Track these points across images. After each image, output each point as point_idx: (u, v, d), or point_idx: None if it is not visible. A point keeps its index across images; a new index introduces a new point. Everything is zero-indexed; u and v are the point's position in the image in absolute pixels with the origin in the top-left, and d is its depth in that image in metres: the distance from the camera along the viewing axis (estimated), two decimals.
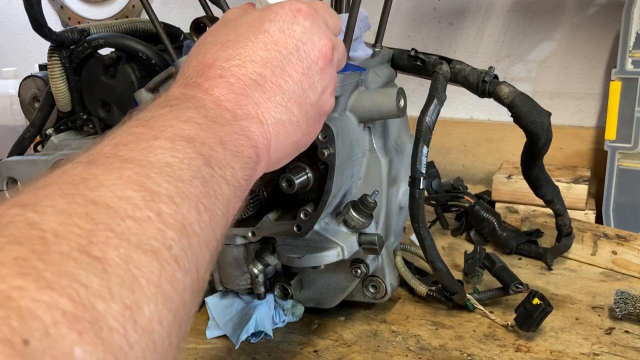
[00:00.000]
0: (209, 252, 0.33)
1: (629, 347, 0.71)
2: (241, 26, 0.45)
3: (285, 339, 0.75)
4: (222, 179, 0.36)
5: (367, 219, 0.69)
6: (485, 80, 0.77)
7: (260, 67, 0.43)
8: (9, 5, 1.88)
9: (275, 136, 0.43)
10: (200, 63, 0.43)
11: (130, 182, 0.30)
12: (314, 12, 0.47)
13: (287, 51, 0.44)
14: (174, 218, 0.30)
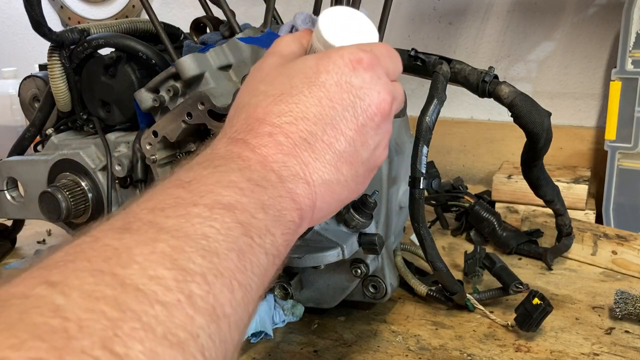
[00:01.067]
0: (238, 333, 0.32)
1: (629, 347, 0.71)
2: (296, 75, 0.42)
3: (285, 339, 0.75)
4: (261, 248, 0.35)
5: (367, 219, 0.69)
6: (485, 80, 0.77)
7: (312, 125, 0.40)
8: (9, 5, 1.88)
9: (321, 197, 0.41)
10: (250, 116, 0.41)
11: (163, 258, 0.29)
12: (375, 62, 0.43)
13: (343, 107, 0.41)
14: (205, 300, 0.29)
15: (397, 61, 0.47)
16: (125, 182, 0.81)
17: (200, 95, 0.68)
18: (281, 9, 0.93)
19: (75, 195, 0.81)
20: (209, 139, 0.43)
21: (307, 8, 0.86)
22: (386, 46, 0.47)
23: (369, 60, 0.43)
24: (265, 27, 0.77)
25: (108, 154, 0.80)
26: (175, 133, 0.71)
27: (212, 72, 0.71)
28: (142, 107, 0.74)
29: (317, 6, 0.86)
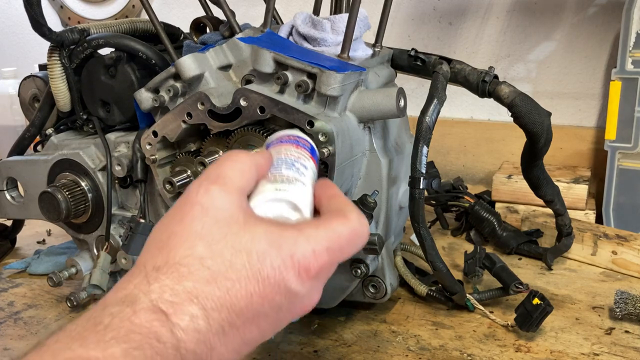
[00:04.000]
0: None
1: (629, 347, 0.71)
2: (239, 254, 0.39)
3: (285, 339, 0.75)
4: None
5: (367, 219, 0.69)
6: (485, 80, 0.77)
7: (235, 316, 0.39)
8: (9, 5, 1.88)
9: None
10: (179, 283, 0.38)
11: None
12: (325, 268, 0.41)
13: (270, 306, 0.40)
14: None
15: (358, 245, 0.43)
16: (125, 182, 0.81)
17: (200, 95, 0.68)
18: (281, 9, 0.93)
19: (75, 195, 0.81)
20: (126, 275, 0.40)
21: (307, 8, 0.86)
22: (352, 234, 0.42)
23: (317, 269, 0.40)
24: (265, 27, 0.77)
25: (108, 154, 0.80)
26: (175, 133, 0.71)
27: (212, 72, 0.71)
28: (142, 107, 0.74)
29: (317, 6, 0.86)
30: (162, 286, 0.38)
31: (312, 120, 0.65)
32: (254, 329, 0.41)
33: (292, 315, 0.42)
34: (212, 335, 0.38)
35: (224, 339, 0.39)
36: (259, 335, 0.42)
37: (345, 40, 0.71)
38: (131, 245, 0.75)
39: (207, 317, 0.38)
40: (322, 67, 0.66)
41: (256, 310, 0.40)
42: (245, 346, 0.42)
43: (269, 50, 0.68)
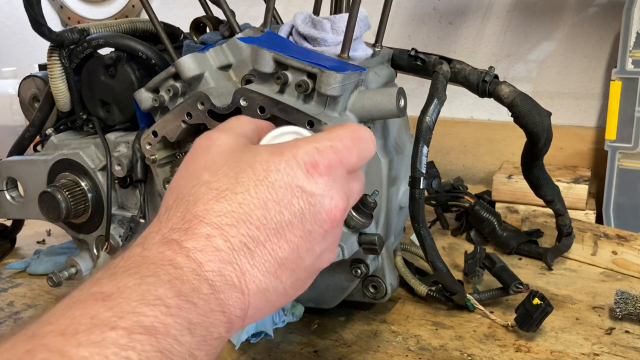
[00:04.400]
0: None
1: (629, 347, 0.71)
2: (244, 170, 0.38)
3: (285, 339, 0.74)
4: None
5: (367, 219, 0.69)
6: (486, 80, 0.77)
7: (255, 229, 0.37)
8: (9, 4, 1.88)
9: (254, 306, 0.38)
10: (189, 212, 0.37)
11: None
12: (333, 163, 0.39)
13: (290, 213, 0.38)
14: None
15: (365, 149, 0.43)
16: (125, 182, 0.81)
17: (200, 95, 0.68)
18: (281, 9, 0.93)
19: (75, 195, 0.81)
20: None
21: (307, 8, 0.86)
22: (354, 133, 0.42)
23: (326, 164, 0.39)
24: (265, 27, 0.77)
25: (108, 154, 0.80)
26: (175, 133, 0.71)
27: (212, 72, 0.71)
28: (142, 107, 0.74)
29: (317, 6, 0.86)
30: (172, 220, 0.37)
31: (312, 120, 0.65)
32: (283, 243, 0.38)
33: (321, 226, 0.39)
34: (235, 254, 0.36)
35: (252, 258, 0.37)
36: (293, 252, 0.38)
37: (345, 40, 0.71)
38: None
39: (224, 234, 0.36)
40: (322, 67, 0.66)
41: (276, 219, 0.38)
42: (282, 269, 0.38)
43: (269, 50, 0.68)
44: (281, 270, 0.38)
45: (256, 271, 0.37)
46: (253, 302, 0.37)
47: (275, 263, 0.38)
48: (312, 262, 0.40)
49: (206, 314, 0.34)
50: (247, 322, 0.38)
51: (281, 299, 0.39)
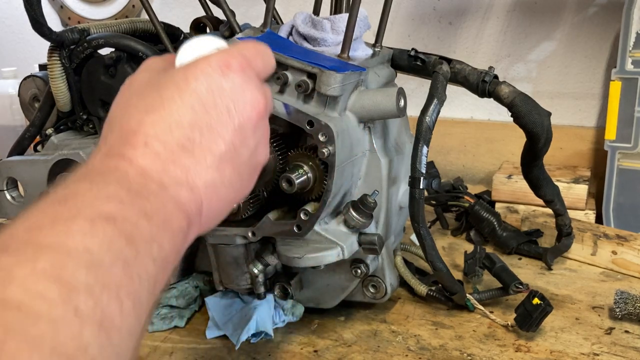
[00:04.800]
0: (132, 341, 0.32)
1: (629, 347, 0.71)
2: (166, 87, 0.41)
3: (285, 339, 0.75)
4: (148, 258, 0.34)
5: (367, 219, 0.69)
6: (485, 80, 0.77)
7: (189, 131, 0.40)
8: (9, 4, 1.88)
9: (207, 200, 0.41)
10: (123, 129, 0.40)
11: (45, 276, 0.28)
12: (244, 64, 0.43)
13: (217, 112, 0.41)
14: (92, 314, 0.29)
15: (268, 59, 0.47)
16: None
17: None
18: (281, 9, 0.93)
19: None
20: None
21: (307, 8, 0.86)
22: (255, 45, 0.46)
23: (239, 63, 0.43)
24: (265, 27, 0.77)
25: None
26: None
27: None
28: None
29: (317, 6, 0.86)
30: (110, 141, 0.40)
31: (312, 120, 0.65)
32: (218, 140, 0.41)
33: (249, 118, 0.43)
34: (175, 155, 0.39)
35: (192, 157, 0.40)
36: (229, 147, 0.42)
37: (345, 40, 0.71)
38: None
39: (160, 140, 0.39)
40: (322, 67, 0.66)
41: (206, 120, 0.41)
42: (224, 163, 0.42)
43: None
44: (223, 164, 0.42)
45: (199, 167, 0.40)
46: (205, 196, 0.40)
47: (215, 158, 0.41)
48: (249, 156, 0.44)
49: (159, 207, 0.37)
50: (205, 220, 0.41)
51: (230, 193, 0.43)
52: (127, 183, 0.36)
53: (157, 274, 0.35)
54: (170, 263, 0.37)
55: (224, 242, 0.73)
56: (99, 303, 0.29)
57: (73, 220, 0.32)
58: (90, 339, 0.28)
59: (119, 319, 0.30)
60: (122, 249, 0.32)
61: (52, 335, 0.27)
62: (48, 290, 0.28)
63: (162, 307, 0.78)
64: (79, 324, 0.28)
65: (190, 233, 0.40)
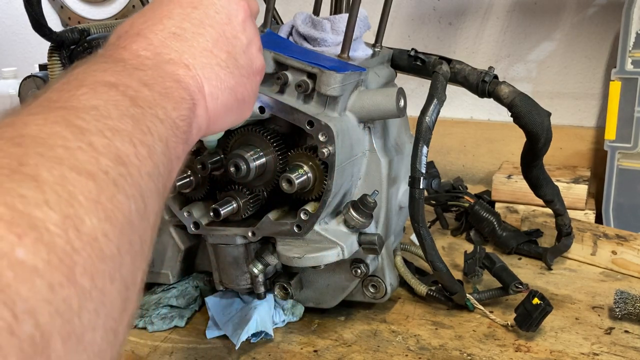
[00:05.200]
0: (153, 184, 0.32)
1: (629, 347, 0.71)
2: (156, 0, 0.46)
3: (285, 339, 0.75)
4: (155, 117, 0.35)
5: (367, 219, 0.69)
6: (485, 80, 0.77)
7: (179, 22, 0.43)
8: (9, 5, 1.88)
9: (207, 80, 0.43)
10: (117, 31, 0.43)
11: (57, 121, 0.29)
12: None
13: (204, 6, 0.45)
14: (107, 149, 0.29)
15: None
16: None
17: None
18: (281, 9, 0.93)
19: None
20: None
21: (307, 8, 0.86)
22: None
23: None
24: (265, 27, 0.77)
25: None
26: None
27: None
28: None
29: (317, 6, 0.86)
30: (105, 47, 0.42)
31: (312, 120, 0.65)
32: (208, 28, 0.45)
33: (236, 14, 0.47)
34: (167, 41, 0.42)
35: (184, 41, 0.43)
36: (221, 35, 0.45)
37: (345, 40, 0.71)
38: None
39: (152, 31, 0.42)
40: (322, 67, 0.66)
41: (192, 14, 0.44)
42: (217, 48, 0.45)
43: (269, 50, 0.68)
44: (217, 49, 0.45)
45: (193, 50, 0.43)
46: (203, 75, 0.43)
47: (207, 42, 0.44)
48: (243, 49, 0.47)
49: (156, 79, 0.38)
50: (211, 102, 0.43)
51: (230, 78, 0.45)
52: (122, 61, 0.38)
53: (167, 136, 0.36)
54: (180, 131, 0.38)
55: (224, 242, 0.73)
56: (112, 143, 0.30)
57: (78, 88, 0.33)
58: (109, 167, 0.29)
59: (136, 159, 0.31)
60: (128, 107, 0.33)
61: (70, 157, 0.27)
62: (61, 130, 0.28)
63: (162, 307, 0.79)
64: (95, 153, 0.29)
65: (197, 110, 0.41)
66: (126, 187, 0.29)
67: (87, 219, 0.26)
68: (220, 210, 0.69)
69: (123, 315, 0.28)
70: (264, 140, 0.68)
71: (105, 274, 0.26)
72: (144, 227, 0.31)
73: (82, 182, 0.27)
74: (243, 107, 0.49)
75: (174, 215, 0.76)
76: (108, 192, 0.28)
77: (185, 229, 0.75)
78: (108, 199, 0.27)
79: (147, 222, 0.31)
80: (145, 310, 0.79)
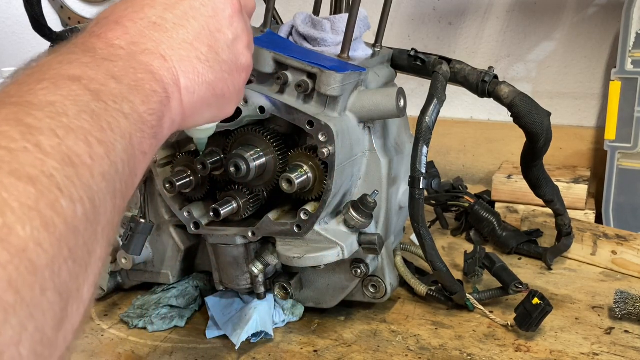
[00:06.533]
0: (108, 183, 0.32)
1: (629, 347, 0.71)
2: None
3: (285, 339, 0.75)
4: (119, 112, 0.34)
5: (367, 219, 0.69)
6: (485, 80, 0.77)
7: (161, 12, 0.42)
8: (9, 5, 1.88)
9: (184, 73, 0.42)
10: (97, 18, 0.42)
11: (7, 118, 0.28)
12: None
13: (189, 0, 0.44)
14: (56, 149, 0.29)
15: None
16: None
17: None
18: (281, 9, 0.93)
19: None
20: None
21: (307, 8, 0.86)
22: None
23: None
24: (265, 27, 0.77)
25: None
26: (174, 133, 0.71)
27: None
28: None
29: (317, 6, 0.86)
30: (91, 28, 0.41)
31: (312, 120, 0.65)
32: (191, 20, 0.43)
33: (223, 9, 0.45)
34: (146, 31, 0.40)
35: (164, 32, 0.41)
36: (204, 28, 0.44)
37: (345, 40, 0.71)
38: (131, 245, 0.75)
39: (131, 19, 0.41)
40: (322, 67, 0.66)
41: (176, 5, 0.43)
42: (199, 42, 0.43)
43: (269, 50, 0.68)
44: (197, 42, 0.43)
45: (172, 41, 0.41)
46: (179, 68, 0.41)
47: (188, 35, 0.42)
48: (227, 44, 0.46)
49: (128, 70, 0.37)
50: (187, 95, 0.42)
51: (210, 73, 0.44)
52: (92, 52, 0.37)
53: (131, 131, 0.35)
54: (148, 125, 0.37)
55: (224, 242, 0.73)
56: (64, 142, 0.29)
57: (38, 82, 0.32)
58: (55, 169, 0.28)
59: (89, 160, 0.30)
60: (89, 102, 0.32)
61: (11, 160, 0.26)
62: (8, 130, 0.28)
63: (162, 307, 0.79)
64: (41, 155, 0.28)
65: (171, 103, 0.40)
66: (73, 190, 0.28)
67: (18, 228, 0.25)
68: (220, 210, 0.69)
69: (62, 325, 0.27)
70: (264, 140, 0.68)
71: (35, 286, 0.25)
72: (91, 231, 0.30)
73: (20, 188, 0.26)
74: (223, 103, 0.47)
75: (174, 215, 0.76)
76: (49, 197, 0.27)
77: (185, 229, 0.75)
78: (48, 205, 0.27)
79: (96, 225, 0.30)
80: (145, 310, 0.79)
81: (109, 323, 0.80)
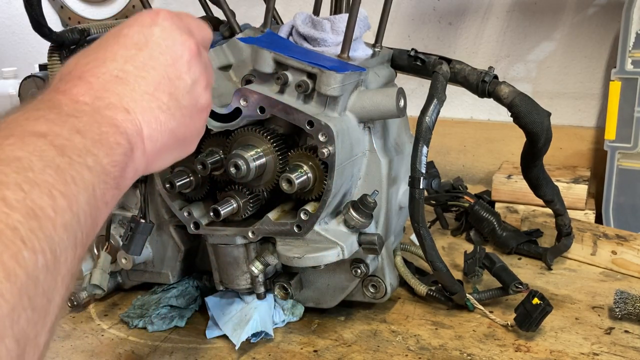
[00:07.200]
0: (69, 234, 0.33)
1: (629, 347, 0.71)
2: (104, 38, 0.46)
3: (285, 338, 0.75)
4: (83, 165, 0.35)
5: (367, 219, 0.69)
6: (485, 80, 0.77)
7: (122, 64, 0.43)
8: (9, 5, 1.88)
9: (146, 123, 0.43)
10: (61, 72, 0.43)
11: None
12: (174, 15, 0.47)
13: (149, 49, 0.45)
14: (21, 203, 0.30)
15: (202, 27, 0.51)
16: None
17: None
18: (281, 9, 0.93)
19: None
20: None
21: (307, 8, 0.86)
22: (190, 15, 0.51)
23: (167, 13, 0.47)
24: (265, 27, 0.77)
25: None
26: None
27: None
28: None
29: (317, 6, 0.86)
30: (49, 85, 0.42)
31: (312, 120, 0.65)
32: (151, 70, 0.44)
33: (181, 56, 0.46)
34: (109, 85, 0.42)
35: (126, 85, 0.43)
36: (163, 77, 0.45)
37: (345, 40, 0.71)
38: (131, 245, 0.75)
39: (94, 74, 0.42)
40: (322, 67, 0.66)
41: (136, 55, 0.44)
42: (159, 91, 0.44)
43: (269, 50, 0.68)
44: (159, 92, 0.44)
45: (134, 94, 0.43)
46: (143, 119, 0.43)
47: (150, 86, 0.44)
48: (187, 89, 0.47)
49: (92, 124, 0.38)
50: (149, 144, 0.43)
51: (172, 120, 0.45)
52: (57, 108, 0.38)
53: (95, 183, 0.36)
54: (111, 177, 0.38)
55: (224, 242, 0.73)
56: (28, 196, 0.30)
57: (5, 138, 0.33)
58: (19, 222, 0.29)
59: (52, 213, 0.31)
60: (54, 157, 0.34)
61: None
62: None
63: (162, 307, 0.79)
64: (7, 209, 0.29)
65: (134, 154, 0.41)
66: (35, 242, 0.30)
67: None
68: (220, 210, 0.69)
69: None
70: (264, 140, 0.68)
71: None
72: (51, 280, 0.31)
73: None
74: (184, 146, 0.49)
75: (174, 215, 0.76)
76: (12, 249, 0.28)
77: (185, 229, 0.75)
78: (11, 257, 0.28)
79: (56, 274, 0.31)
80: (145, 310, 0.79)
81: (109, 323, 0.80)
